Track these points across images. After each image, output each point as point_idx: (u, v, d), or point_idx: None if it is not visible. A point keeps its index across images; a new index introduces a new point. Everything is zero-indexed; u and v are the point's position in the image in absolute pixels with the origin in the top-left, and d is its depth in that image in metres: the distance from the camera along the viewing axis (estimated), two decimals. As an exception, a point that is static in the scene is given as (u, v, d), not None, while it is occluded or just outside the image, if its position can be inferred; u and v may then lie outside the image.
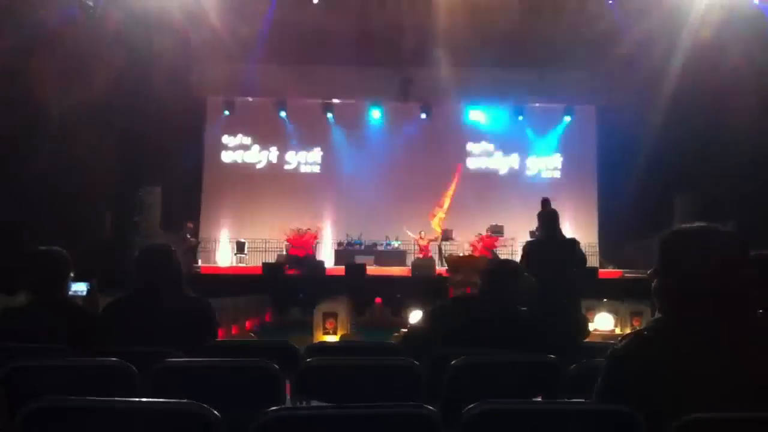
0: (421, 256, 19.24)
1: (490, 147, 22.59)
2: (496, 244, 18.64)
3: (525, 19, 17.84)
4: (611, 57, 18.52)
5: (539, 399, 3.26)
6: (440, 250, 19.61)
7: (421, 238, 19.92)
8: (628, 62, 18.34)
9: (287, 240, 19.22)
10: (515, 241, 18.52)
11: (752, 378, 2.02)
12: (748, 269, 2.18)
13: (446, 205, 20.38)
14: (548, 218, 7.18)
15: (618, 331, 11.54)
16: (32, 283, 3.97)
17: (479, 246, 18.55)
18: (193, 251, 18.85)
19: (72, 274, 4.07)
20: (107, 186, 16.59)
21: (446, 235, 19.57)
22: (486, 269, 4.23)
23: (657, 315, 2.23)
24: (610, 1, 16.96)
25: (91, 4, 15.04)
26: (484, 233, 18.84)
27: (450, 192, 20.35)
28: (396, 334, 9.28)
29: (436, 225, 20.12)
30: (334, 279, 16.14)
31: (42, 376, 3.02)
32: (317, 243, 20.11)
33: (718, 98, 15.64)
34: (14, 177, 13.03)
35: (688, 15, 15.86)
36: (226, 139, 22.36)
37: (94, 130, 14.96)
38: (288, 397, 3.17)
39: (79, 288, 8.48)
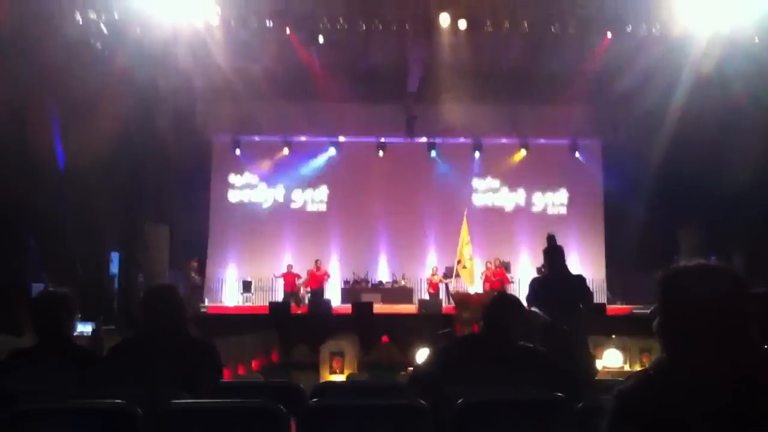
0: (431, 292, 19.23)
1: (496, 183, 22.61)
2: (505, 280, 18.64)
3: (528, 55, 17.98)
4: (615, 91, 18.63)
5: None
6: (447, 287, 19.57)
7: (434, 274, 19.90)
8: (632, 97, 18.43)
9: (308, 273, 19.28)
10: (522, 278, 18.54)
11: (757, 416, 2.00)
12: (749, 305, 2.17)
13: (465, 254, 19.56)
14: (554, 254, 7.16)
15: (627, 367, 11.45)
16: (38, 324, 3.97)
17: (492, 276, 18.53)
18: (198, 290, 18.85)
19: (78, 315, 4.08)
20: (113, 225, 16.63)
21: (452, 272, 19.54)
22: (487, 305, 4.21)
23: (662, 353, 2.22)
24: (612, 37, 17.05)
25: (98, 46, 15.23)
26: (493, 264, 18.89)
27: (463, 240, 19.69)
28: (403, 372, 9.24)
29: (468, 278, 19.45)
30: (341, 317, 16.10)
31: (47, 419, 3.01)
32: (326, 279, 20.11)
33: (720, 131, 15.70)
34: (20, 217, 13.08)
35: (690, 50, 15.97)
36: (232, 178, 22.41)
37: (100, 170, 15.05)
38: (293, 438, 3.15)
39: (85, 328, 8.48)
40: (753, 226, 15.48)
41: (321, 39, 17.01)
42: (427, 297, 19.14)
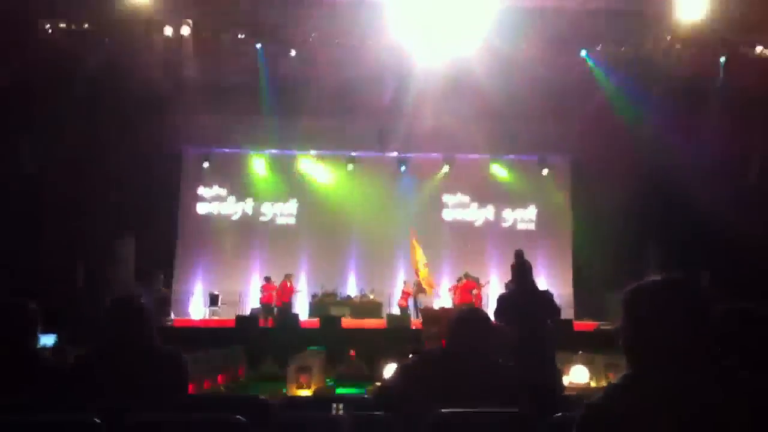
0: (402, 304, 19.24)
1: (466, 198, 22.69)
2: (476, 289, 18.64)
3: (499, 71, 18.08)
4: (584, 108, 18.80)
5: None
6: (416, 302, 19.59)
7: (405, 283, 20.00)
8: (601, 114, 18.60)
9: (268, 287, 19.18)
10: (489, 293, 18.58)
11: (718, 430, 2.02)
12: (711, 320, 2.20)
13: (422, 272, 19.96)
14: (521, 270, 7.20)
15: (593, 383, 11.50)
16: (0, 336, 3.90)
17: (457, 291, 18.56)
18: (165, 303, 18.69)
19: (40, 327, 4.01)
20: (79, 236, 16.45)
21: (421, 288, 19.55)
22: (453, 319, 4.19)
23: (627, 368, 2.23)
24: (582, 54, 17.22)
25: (67, 56, 15.09)
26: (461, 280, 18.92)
27: (416, 259, 20.00)
28: (370, 387, 9.21)
29: (428, 288, 19.82)
30: (309, 331, 16.02)
31: (8, 432, 2.96)
32: (294, 294, 20.05)
33: (690, 147, 15.91)
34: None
35: (660, 66, 16.19)
36: (201, 190, 22.30)
37: (66, 180, 14.90)
38: (259, 453, 3.13)
39: (47, 341, 8.36)
40: (720, 243, 15.66)
41: (293, 52, 17.02)
42: (395, 311, 19.16)
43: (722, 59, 16.24)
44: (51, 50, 14.85)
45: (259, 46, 16.91)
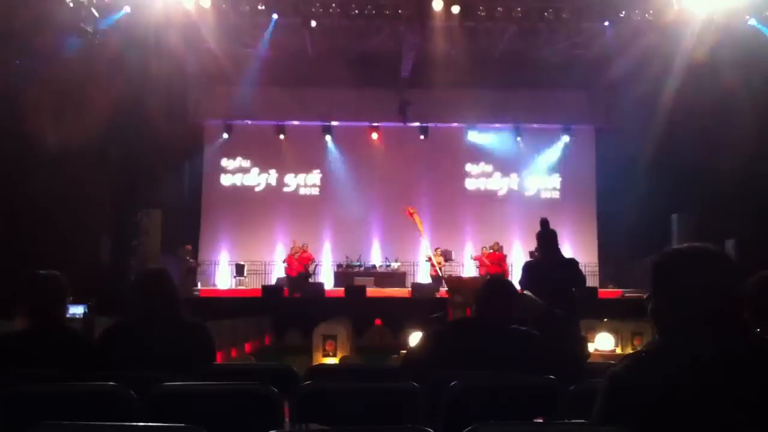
0: (433, 273, 19.15)
1: (489, 168, 22.61)
2: (504, 262, 18.58)
3: (522, 40, 17.93)
4: (608, 77, 18.62)
5: (540, 421, 3.24)
6: (440, 271, 19.57)
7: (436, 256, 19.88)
8: (625, 83, 18.43)
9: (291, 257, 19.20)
10: (515, 262, 18.58)
11: (748, 399, 2.01)
12: (742, 289, 2.18)
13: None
14: (547, 238, 7.15)
15: (619, 351, 11.47)
16: (29, 307, 3.95)
17: (487, 261, 18.47)
18: (192, 274, 18.84)
19: (69, 298, 4.06)
20: (105, 210, 16.57)
21: (446, 256, 19.49)
22: (480, 289, 4.20)
23: (655, 336, 2.22)
24: (606, 23, 17.01)
25: (89, 30, 15.11)
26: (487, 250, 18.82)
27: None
28: (395, 356, 9.25)
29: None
30: (334, 301, 16.11)
31: (39, 402, 3.00)
32: (316, 265, 20.14)
33: (713, 117, 15.70)
34: (11, 202, 13.03)
35: (683, 35, 15.94)
36: (225, 162, 22.39)
37: (92, 155, 14.97)
38: (286, 420, 3.15)
39: (76, 311, 8.44)
40: (745, 212, 15.50)
41: (313, 23, 16.94)
42: (421, 280, 19.15)
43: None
44: (71, 23, 14.86)
45: (275, 16, 16.80)
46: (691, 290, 2.13)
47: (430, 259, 19.28)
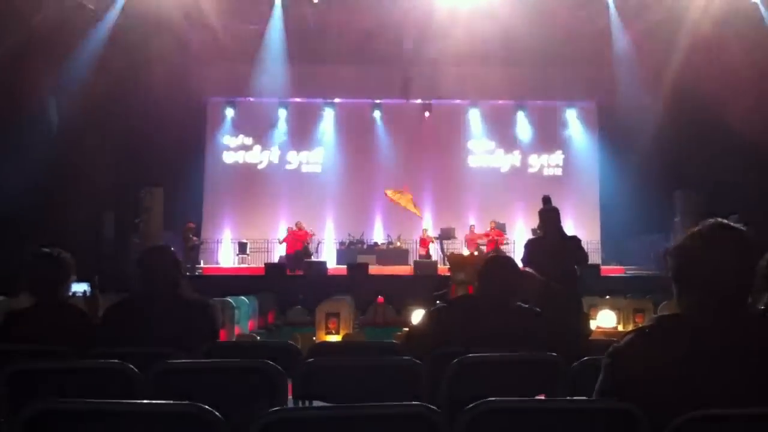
0: (423, 252, 19.24)
1: (491, 145, 22.56)
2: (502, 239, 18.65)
3: (525, 16, 17.82)
4: (612, 53, 18.53)
5: (542, 397, 3.26)
6: (443, 248, 19.57)
7: (425, 233, 20.00)
8: (629, 58, 18.33)
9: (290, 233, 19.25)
10: (517, 239, 18.57)
11: (755, 374, 2.02)
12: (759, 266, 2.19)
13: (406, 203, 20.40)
14: (549, 215, 7.14)
15: (621, 328, 11.49)
16: (34, 285, 3.97)
17: (492, 234, 18.51)
18: (195, 251, 18.86)
19: (74, 276, 4.08)
20: (108, 188, 16.58)
21: (448, 234, 19.49)
22: (482, 266, 4.21)
23: (659, 312, 2.23)
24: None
25: (91, 7, 15.06)
26: (489, 228, 18.88)
27: (404, 205, 20.35)
28: (398, 333, 9.28)
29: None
30: (337, 278, 16.14)
31: (44, 379, 3.02)
32: (318, 243, 20.18)
33: (717, 94, 15.64)
34: (13, 179, 13.04)
35: (687, 11, 15.86)
36: (227, 139, 22.33)
37: (94, 132, 14.97)
38: (290, 397, 3.17)
39: (80, 288, 8.46)
40: (749, 188, 15.48)
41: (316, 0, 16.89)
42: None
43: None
44: (73, 2, 14.82)
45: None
46: (711, 264, 2.13)
47: (424, 239, 19.47)
